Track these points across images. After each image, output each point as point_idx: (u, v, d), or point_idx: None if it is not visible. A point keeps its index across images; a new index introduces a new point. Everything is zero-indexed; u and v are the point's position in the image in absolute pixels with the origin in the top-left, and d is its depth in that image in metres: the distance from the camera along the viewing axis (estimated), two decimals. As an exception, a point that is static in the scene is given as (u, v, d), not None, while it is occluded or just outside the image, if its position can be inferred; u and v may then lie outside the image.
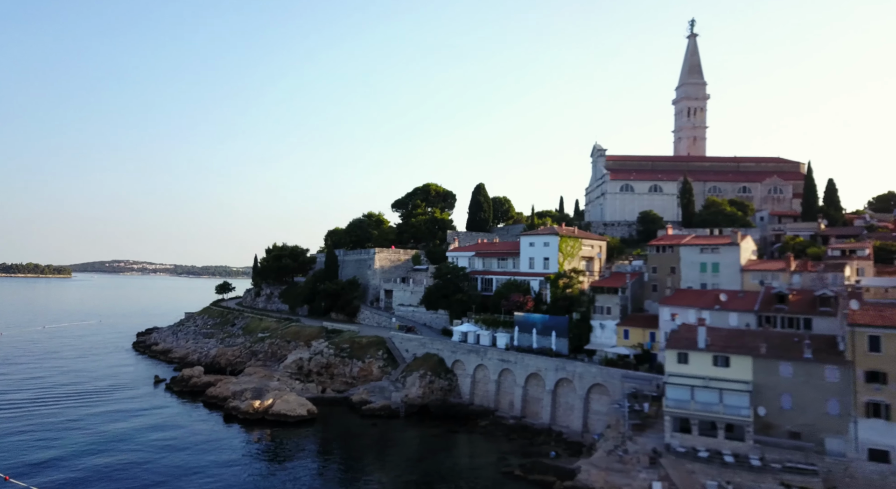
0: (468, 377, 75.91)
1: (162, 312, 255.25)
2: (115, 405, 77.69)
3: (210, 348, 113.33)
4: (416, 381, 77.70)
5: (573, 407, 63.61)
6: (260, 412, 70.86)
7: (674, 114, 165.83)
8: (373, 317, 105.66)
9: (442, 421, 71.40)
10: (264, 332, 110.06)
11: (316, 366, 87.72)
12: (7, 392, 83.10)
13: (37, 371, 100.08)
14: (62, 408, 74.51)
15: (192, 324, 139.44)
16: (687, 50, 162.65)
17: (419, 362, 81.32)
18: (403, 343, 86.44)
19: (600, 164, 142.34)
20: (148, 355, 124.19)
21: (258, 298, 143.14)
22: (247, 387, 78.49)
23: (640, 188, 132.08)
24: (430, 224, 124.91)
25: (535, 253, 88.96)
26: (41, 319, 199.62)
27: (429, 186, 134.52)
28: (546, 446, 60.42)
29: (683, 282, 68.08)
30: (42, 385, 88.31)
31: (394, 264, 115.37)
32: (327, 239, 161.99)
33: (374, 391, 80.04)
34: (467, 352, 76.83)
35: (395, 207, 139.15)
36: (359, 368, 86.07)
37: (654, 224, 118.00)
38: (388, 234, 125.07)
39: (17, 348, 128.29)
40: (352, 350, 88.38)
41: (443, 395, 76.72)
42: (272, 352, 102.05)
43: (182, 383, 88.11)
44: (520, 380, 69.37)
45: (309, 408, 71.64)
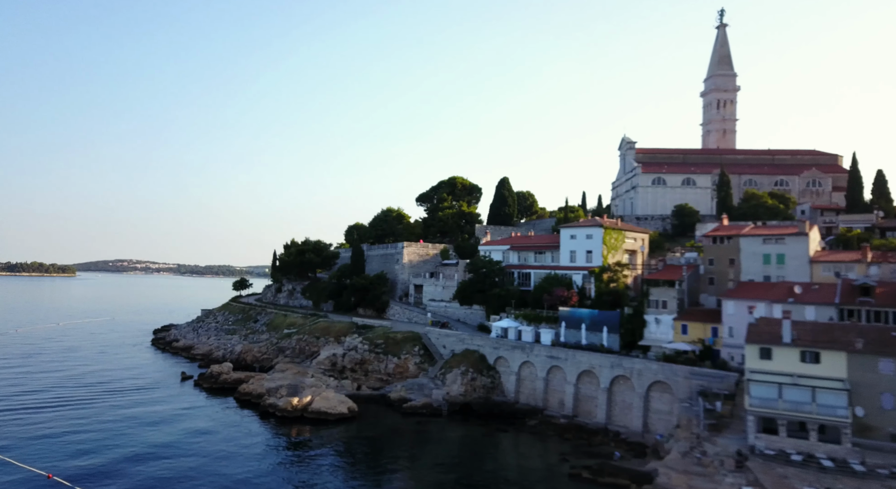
0: (513, 374, 72.78)
1: (173, 310, 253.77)
2: (146, 402, 75.03)
3: (234, 345, 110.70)
4: (458, 379, 74.69)
5: (631, 405, 60.36)
6: (298, 410, 68.05)
7: (702, 106, 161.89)
8: (403, 312, 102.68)
9: (487, 419, 68.36)
10: (290, 328, 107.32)
11: (350, 363, 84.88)
12: (38, 390, 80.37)
13: (62, 368, 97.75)
14: (94, 406, 71.91)
15: (212, 321, 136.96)
16: (716, 41, 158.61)
17: (459, 359, 78.26)
18: (440, 339, 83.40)
19: (630, 158, 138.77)
20: (169, 352, 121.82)
21: (279, 294, 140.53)
22: (281, 383, 75.63)
23: (672, 181, 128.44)
24: (458, 218, 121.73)
25: (577, 246, 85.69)
26: (54, 317, 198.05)
27: (455, 180, 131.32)
28: (605, 447, 57.28)
29: (744, 275, 64.63)
30: (70, 382, 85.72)
31: (422, 259, 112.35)
32: (348, 234, 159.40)
33: (413, 388, 77.09)
34: (511, 348, 73.70)
35: (420, 201, 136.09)
36: (394, 365, 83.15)
37: (690, 217, 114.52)
38: (414, 229, 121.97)
39: (38, 345, 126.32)
40: (386, 346, 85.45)
41: (485, 393, 73.65)
42: (300, 348, 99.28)
43: (211, 380, 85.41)
44: (571, 378, 66.18)
45: (349, 405, 68.76)
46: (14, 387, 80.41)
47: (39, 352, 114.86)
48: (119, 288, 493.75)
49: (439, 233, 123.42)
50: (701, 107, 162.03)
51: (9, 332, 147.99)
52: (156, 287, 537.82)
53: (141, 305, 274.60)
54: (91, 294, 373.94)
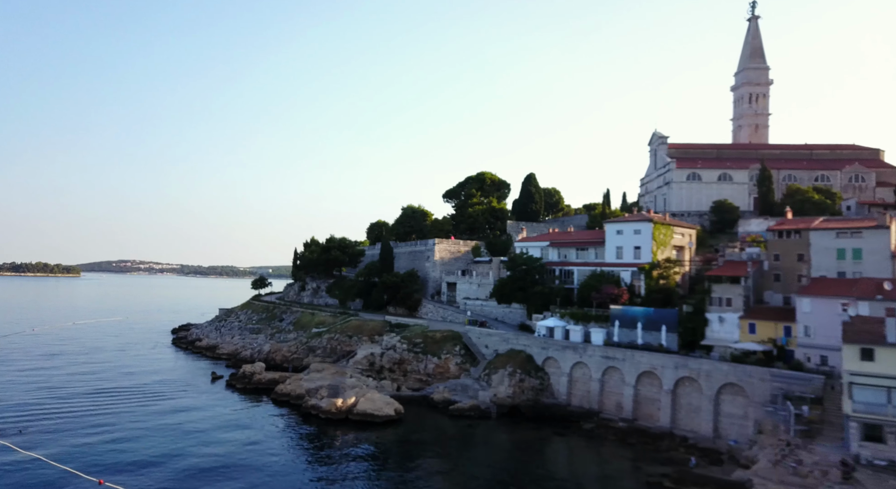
0: (564, 376, 69.51)
1: (184, 309, 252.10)
2: (183, 405, 72.23)
3: (261, 344, 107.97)
4: (505, 380, 71.54)
5: (699, 409, 56.97)
6: (343, 411, 65.06)
7: (732, 101, 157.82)
8: (437, 310, 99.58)
9: (538, 422, 65.24)
10: (319, 327, 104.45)
11: (388, 363, 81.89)
12: (72, 392, 77.23)
13: (90, 369, 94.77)
14: (132, 409, 68.99)
15: (234, 320, 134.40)
16: (748, 33, 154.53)
17: (503, 359, 75.10)
18: (482, 338, 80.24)
19: (662, 153, 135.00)
20: (191, 351, 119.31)
21: (303, 292, 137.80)
22: (321, 384, 72.69)
23: (708, 177, 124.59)
24: (488, 214, 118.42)
25: (624, 241, 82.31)
26: (67, 316, 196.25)
27: (483, 175, 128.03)
28: (674, 452, 54.04)
29: (815, 271, 61.09)
30: (102, 384, 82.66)
31: (453, 256, 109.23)
32: (370, 231, 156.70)
33: (457, 389, 74.03)
34: (562, 348, 70.43)
35: (447, 197, 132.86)
36: (434, 365, 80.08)
37: (730, 213, 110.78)
38: (442, 225, 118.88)
39: (58, 345, 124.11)
40: (425, 345, 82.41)
41: (534, 395, 70.44)
42: (331, 347, 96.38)
43: (244, 380, 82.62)
44: (629, 379, 62.84)
45: (396, 407, 65.73)
46: (47, 390, 77.39)
47: (61, 352, 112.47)
48: (125, 288, 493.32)
49: (468, 229, 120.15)
50: (731, 101, 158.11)
51: (25, 332, 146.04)
52: (161, 287, 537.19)
53: (151, 305, 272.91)
54: (98, 294, 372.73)
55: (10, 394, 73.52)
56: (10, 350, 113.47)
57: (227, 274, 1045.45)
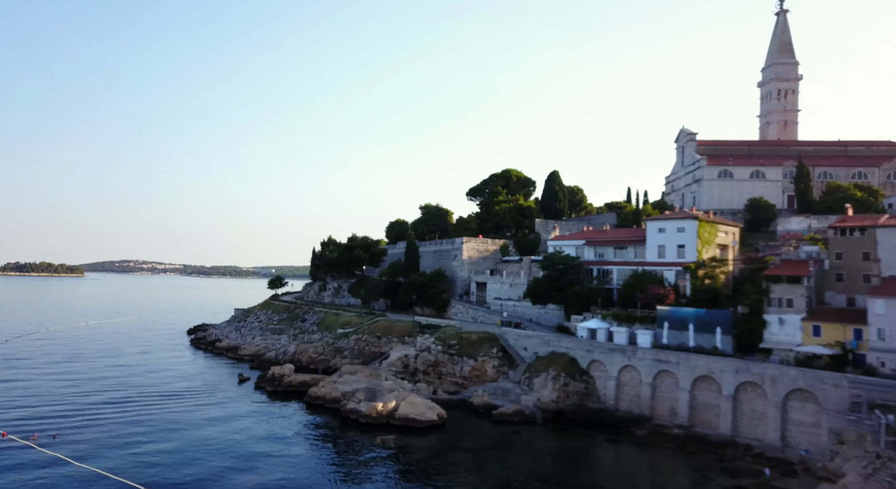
0: (611, 379, 66.68)
1: (195, 309, 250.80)
2: (215, 408, 69.94)
3: (285, 345, 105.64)
4: (549, 384, 68.78)
5: (764, 416, 54.05)
6: (384, 416, 62.49)
7: (760, 97, 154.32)
8: (467, 311, 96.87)
9: (585, 428, 62.48)
10: (345, 328, 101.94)
11: (423, 365, 79.26)
12: (101, 396, 74.70)
13: (113, 371, 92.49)
14: (163, 412, 66.62)
15: (254, 321, 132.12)
16: (776, 27, 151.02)
17: (545, 362, 72.36)
18: (520, 340, 77.50)
19: (690, 150, 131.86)
20: (212, 352, 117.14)
21: (324, 292, 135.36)
22: (357, 387, 70.22)
23: (739, 174, 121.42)
24: (515, 212, 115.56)
25: (667, 240, 79.38)
26: (80, 316, 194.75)
27: (509, 172, 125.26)
28: (740, 462, 51.11)
29: (884, 270, 58.01)
30: (128, 387, 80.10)
31: (481, 255, 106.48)
32: (390, 230, 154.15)
33: (496, 393, 71.38)
34: (608, 351, 67.61)
35: (471, 195, 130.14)
36: (470, 367, 77.37)
37: (766, 212, 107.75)
38: (468, 224, 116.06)
39: (77, 346, 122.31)
40: (460, 347, 79.70)
41: (579, 400, 67.65)
42: (359, 348, 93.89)
43: (273, 382, 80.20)
44: (684, 384, 59.95)
45: (438, 411, 63.14)
46: (77, 394, 74.75)
47: (81, 352, 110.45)
48: (130, 288, 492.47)
49: (495, 228, 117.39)
50: (758, 97, 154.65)
51: (41, 332, 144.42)
52: (166, 287, 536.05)
53: (160, 305, 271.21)
54: (105, 294, 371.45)
55: (41, 398, 71.11)
56: (32, 351, 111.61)
57: (229, 274, 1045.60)
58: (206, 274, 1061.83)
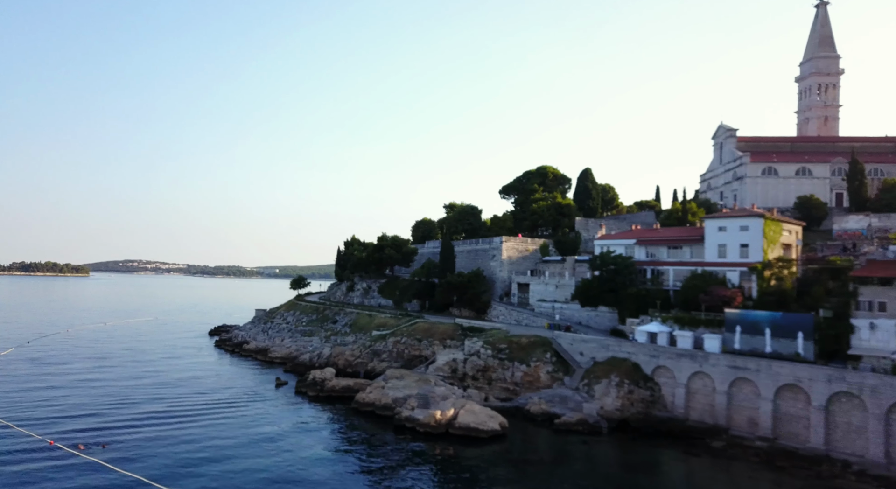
0: (680, 387, 62.85)
1: (208, 309, 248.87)
2: (258, 415, 66.66)
3: (318, 347, 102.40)
4: (611, 391, 65.07)
5: (864, 430, 50.06)
6: (443, 425, 58.99)
7: (797, 92, 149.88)
8: (509, 313, 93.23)
9: (654, 438, 58.77)
10: (381, 330, 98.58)
11: (472, 370, 75.74)
12: (141, 401, 71.43)
13: (145, 375, 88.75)
14: (208, 421, 62.98)
15: (281, 322, 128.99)
16: (815, 20, 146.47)
17: (604, 368, 68.64)
18: (575, 345, 73.79)
19: (730, 146, 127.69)
20: (240, 355, 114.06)
21: (352, 293, 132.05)
22: (408, 393, 66.76)
23: (784, 171, 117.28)
24: (553, 210, 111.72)
25: (728, 239, 75.47)
26: (97, 317, 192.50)
27: (545, 169, 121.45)
28: (841, 480, 47.33)
29: None
30: (164, 392, 76.82)
31: (521, 255, 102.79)
32: (416, 230, 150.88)
33: (554, 401, 67.70)
34: (676, 356, 63.80)
35: (505, 193, 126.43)
36: (522, 373, 73.76)
37: (817, 210, 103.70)
38: (504, 222, 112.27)
39: (100, 347, 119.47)
40: (511, 351, 76.11)
41: (645, 408, 63.90)
42: (398, 351, 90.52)
43: (314, 387, 76.91)
44: (766, 393, 56.04)
45: (500, 420, 59.55)
46: (116, 400, 71.16)
47: (109, 355, 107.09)
48: (137, 287, 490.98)
49: (531, 227, 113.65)
50: (796, 92, 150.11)
51: (60, 333, 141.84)
52: (173, 287, 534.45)
53: (173, 305, 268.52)
54: (113, 294, 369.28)
55: (81, 406, 67.65)
56: (58, 353, 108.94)
57: (233, 274, 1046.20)
58: (210, 274, 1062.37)
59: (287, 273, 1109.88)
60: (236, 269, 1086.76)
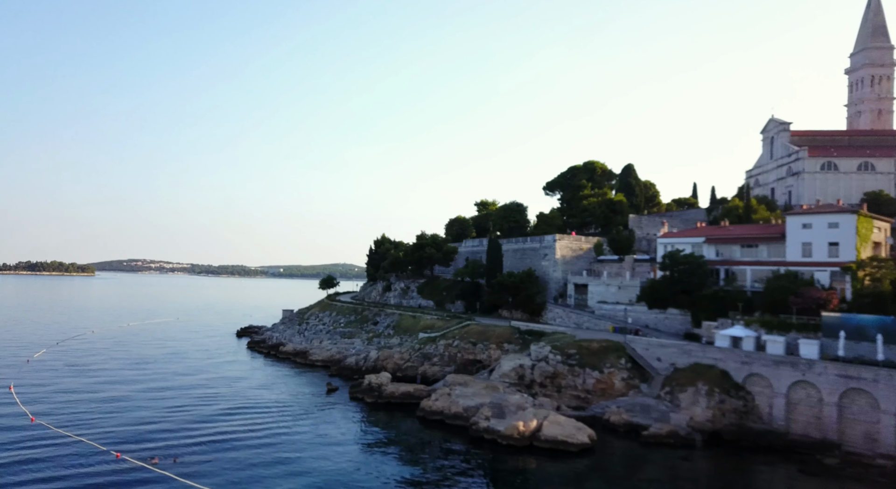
0: (779, 397, 58.07)
1: (227, 309, 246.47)
2: (320, 423, 62.61)
3: (362, 350, 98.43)
4: (700, 400, 60.37)
5: None
6: (526, 437, 54.67)
7: (847, 84, 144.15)
8: (567, 316, 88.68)
9: (755, 454, 54.07)
10: (428, 332, 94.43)
11: (540, 377, 71.29)
12: (196, 411, 66.44)
13: (189, 380, 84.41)
14: (268, 429, 59.19)
15: (317, 323, 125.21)
16: (868, 9, 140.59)
17: (688, 375, 63.97)
18: (652, 349, 69.20)
19: (783, 141, 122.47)
20: (276, 358, 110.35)
21: (388, 293, 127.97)
22: (480, 401, 62.51)
23: (845, 166, 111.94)
24: (605, 207, 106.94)
25: (814, 237, 70.61)
26: (116, 317, 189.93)
27: (593, 164, 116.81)
28: None
29: None
30: (216, 399, 72.30)
31: (575, 254, 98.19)
32: (450, 228, 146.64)
33: (635, 410, 63.09)
34: (773, 364, 59.02)
35: (550, 189, 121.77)
36: (595, 380, 69.26)
37: (888, 206, 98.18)
38: (553, 220, 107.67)
39: (134, 350, 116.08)
40: (581, 357, 71.64)
41: (738, 419, 59.16)
42: (450, 355, 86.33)
43: (371, 393, 72.82)
44: (887, 406, 51.19)
45: (588, 433, 55.07)
46: (173, 409, 66.58)
47: (146, 359, 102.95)
48: (144, 287, 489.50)
49: (581, 224, 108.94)
50: (846, 85, 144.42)
51: (85, 334, 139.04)
52: (180, 287, 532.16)
53: (189, 305, 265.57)
54: (124, 294, 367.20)
55: (135, 413, 63.93)
56: (92, 355, 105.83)
57: (237, 273, 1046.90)
58: (214, 273, 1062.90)
59: (291, 272, 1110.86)
60: (240, 269, 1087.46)
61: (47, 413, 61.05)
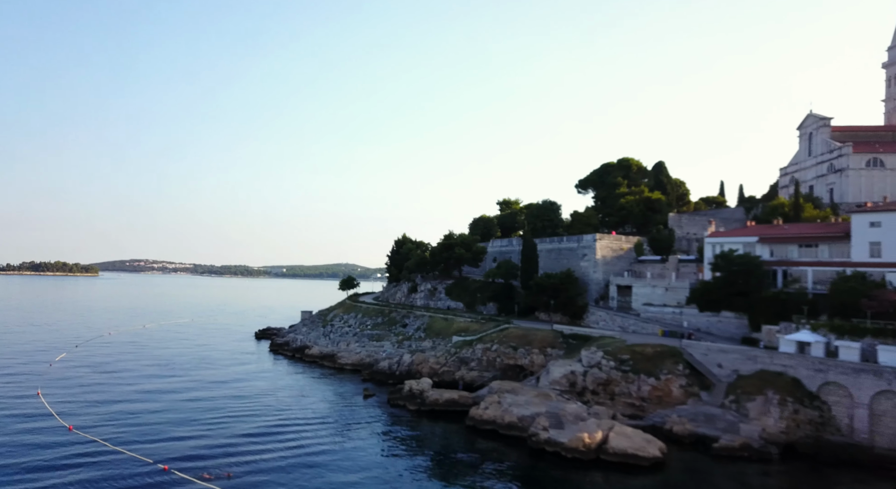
0: (861, 408, 54.27)
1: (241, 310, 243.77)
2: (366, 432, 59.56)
3: (393, 353, 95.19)
4: (772, 410, 56.68)
5: None
6: (592, 450, 51.20)
7: (885, 79, 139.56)
8: (612, 319, 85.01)
9: (840, 469, 50.40)
10: (463, 335, 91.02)
11: (592, 383, 67.75)
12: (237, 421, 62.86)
13: (221, 387, 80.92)
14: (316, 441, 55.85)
15: (342, 325, 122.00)
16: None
17: (755, 383, 60.24)
18: (711, 355, 65.49)
19: (823, 136, 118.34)
20: (300, 360, 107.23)
21: (414, 295, 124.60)
22: (535, 410, 59.09)
23: (892, 162, 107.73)
24: (643, 205, 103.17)
25: (884, 236, 66.73)
26: (131, 318, 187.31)
27: (628, 161, 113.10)
28: None
29: None
30: (256, 409, 68.64)
31: (616, 254, 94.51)
32: (474, 227, 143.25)
33: (698, 420, 59.47)
34: (853, 372, 55.24)
35: (581, 187, 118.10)
36: (650, 387, 65.61)
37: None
38: (589, 218, 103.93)
39: (157, 353, 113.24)
40: (634, 363, 68.04)
41: (814, 431, 55.36)
42: (489, 359, 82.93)
43: (413, 400, 69.48)
44: None
45: (659, 445, 51.63)
46: (210, 418, 62.91)
47: (170, 363, 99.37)
48: (150, 287, 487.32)
49: (617, 223, 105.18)
50: (884, 79, 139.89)
51: (102, 336, 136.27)
52: (186, 287, 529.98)
53: (203, 306, 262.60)
54: (131, 294, 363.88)
55: (173, 422, 60.69)
56: (115, 358, 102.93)
57: (240, 273, 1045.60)
58: (217, 273, 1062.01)
59: (294, 272, 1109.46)
60: (243, 269, 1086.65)
61: (83, 422, 57.99)
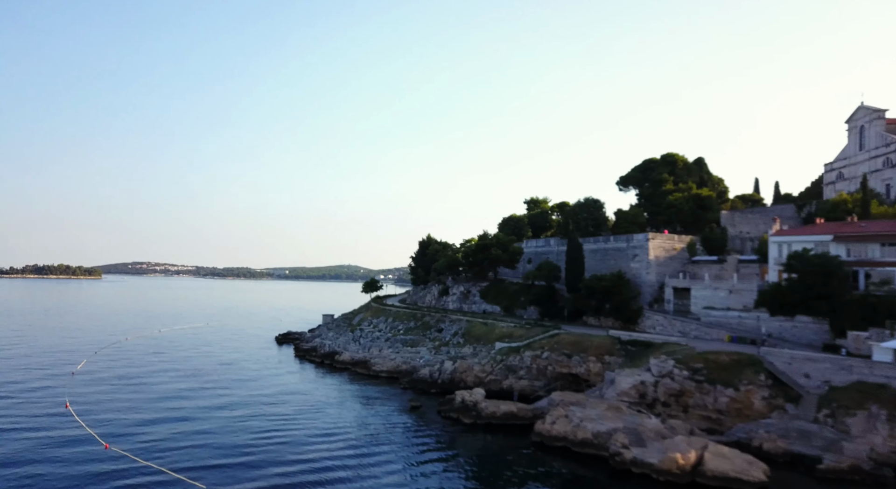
0: (982, 423, 48.77)
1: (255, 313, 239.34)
2: (426, 450, 54.52)
3: (432, 360, 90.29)
4: (879, 427, 50.88)
5: None
6: (687, 472, 45.90)
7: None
8: (670, 324, 79.54)
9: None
10: (507, 341, 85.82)
11: (664, 395, 62.37)
12: (290, 441, 58.24)
13: (257, 398, 75.59)
14: (384, 467, 50.36)
15: (372, 329, 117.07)
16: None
17: (851, 395, 54.65)
18: (796, 364, 59.92)
19: (876, 129, 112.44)
20: (329, 367, 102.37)
21: (446, 297, 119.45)
22: (611, 426, 53.80)
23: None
24: (692, 203, 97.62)
25: (984, 233, 61.05)
26: (145, 323, 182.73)
27: (674, 157, 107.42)
28: None
29: None
30: (296, 421, 63.89)
31: (668, 255, 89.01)
32: (503, 227, 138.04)
33: (790, 436, 53.92)
34: (972, 383, 49.75)
35: (623, 185, 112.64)
36: (728, 398, 60.11)
37: None
38: (635, 217, 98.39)
39: (177, 359, 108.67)
40: (708, 372, 62.59)
41: (927, 449, 49.93)
42: (539, 368, 77.70)
43: (468, 412, 64.43)
44: None
45: (762, 467, 46.23)
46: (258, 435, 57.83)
47: (198, 372, 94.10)
48: (155, 290, 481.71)
49: (665, 221, 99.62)
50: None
51: (119, 342, 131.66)
52: (191, 289, 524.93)
53: (215, 310, 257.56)
54: (138, 297, 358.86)
55: (223, 442, 55.07)
56: (139, 366, 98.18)
57: (243, 275, 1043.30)
58: (220, 275, 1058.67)
59: (297, 274, 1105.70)
60: (245, 271, 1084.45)
61: (120, 439, 53.09)
